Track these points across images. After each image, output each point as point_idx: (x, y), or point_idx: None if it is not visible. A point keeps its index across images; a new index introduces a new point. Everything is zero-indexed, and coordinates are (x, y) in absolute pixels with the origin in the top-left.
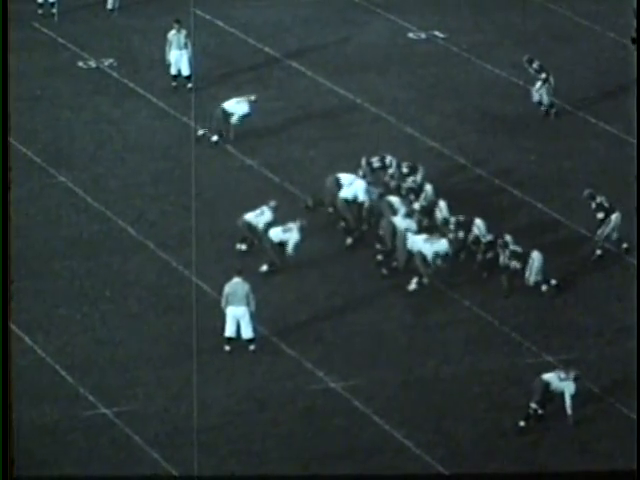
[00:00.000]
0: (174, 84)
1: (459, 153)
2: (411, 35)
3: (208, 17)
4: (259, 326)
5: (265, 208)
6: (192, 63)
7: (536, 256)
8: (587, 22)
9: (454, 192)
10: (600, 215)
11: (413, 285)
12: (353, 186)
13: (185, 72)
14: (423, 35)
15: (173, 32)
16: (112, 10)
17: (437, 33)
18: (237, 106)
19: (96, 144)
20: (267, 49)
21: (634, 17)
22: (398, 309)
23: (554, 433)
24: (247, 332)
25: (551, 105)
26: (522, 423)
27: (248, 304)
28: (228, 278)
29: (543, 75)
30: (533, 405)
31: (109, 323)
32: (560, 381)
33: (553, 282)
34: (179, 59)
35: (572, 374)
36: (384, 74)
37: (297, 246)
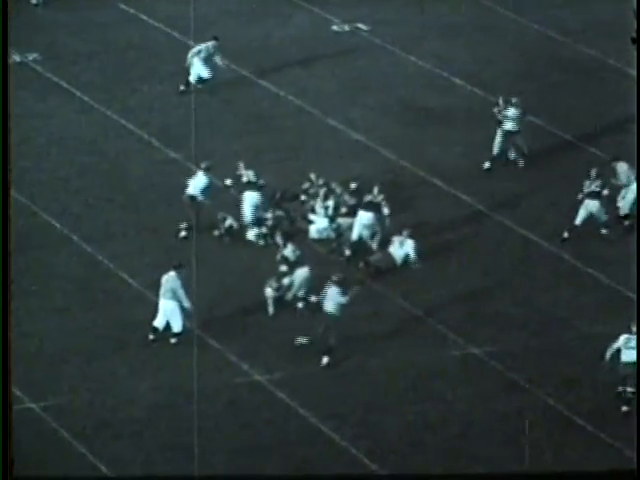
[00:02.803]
0: (182, 88)
1: (383, 145)
2: (335, 28)
3: (132, 11)
4: (185, 319)
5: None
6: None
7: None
8: (513, 14)
9: (378, 184)
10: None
11: None
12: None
13: (205, 75)
14: (347, 27)
15: (210, 45)
16: (36, 5)
17: (361, 25)
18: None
19: (21, 138)
20: (191, 42)
21: (634, 17)
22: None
23: (479, 425)
24: (175, 326)
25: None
26: (625, 408)
27: (175, 299)
28: (153, 271)
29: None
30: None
31: (35, 317)
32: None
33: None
34: (201, 69)
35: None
36: (308, 67)
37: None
